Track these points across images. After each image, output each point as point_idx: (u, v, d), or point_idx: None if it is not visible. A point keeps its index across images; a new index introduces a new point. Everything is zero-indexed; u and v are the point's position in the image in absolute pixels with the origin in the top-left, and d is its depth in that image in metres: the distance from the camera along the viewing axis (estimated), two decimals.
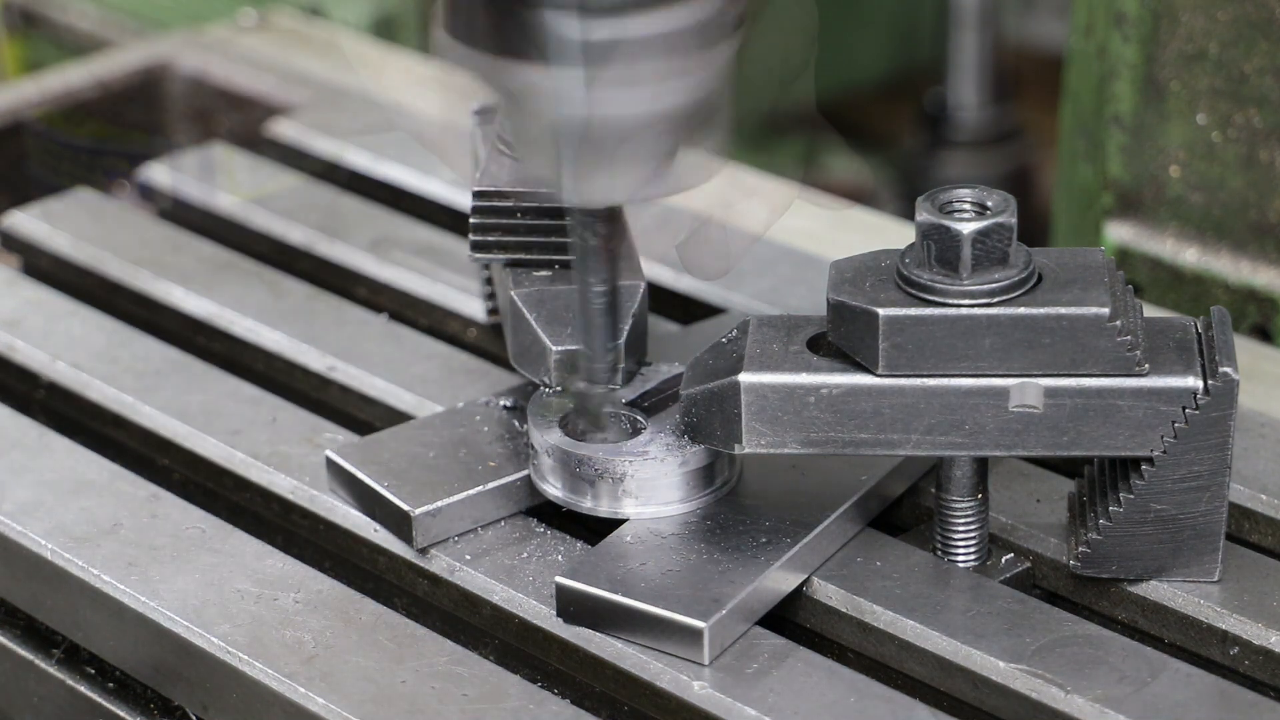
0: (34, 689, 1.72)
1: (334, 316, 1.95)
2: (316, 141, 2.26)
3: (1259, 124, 2.02)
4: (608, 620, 1.56)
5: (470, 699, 1.53)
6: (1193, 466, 1.53)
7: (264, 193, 2.16)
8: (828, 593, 1.60)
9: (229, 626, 1.60)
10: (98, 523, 1.70)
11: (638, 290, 1.71)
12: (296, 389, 1.90)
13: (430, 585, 1.66)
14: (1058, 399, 1.52)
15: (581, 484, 1.62)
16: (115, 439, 1.86)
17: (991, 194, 1.54)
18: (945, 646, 1.54)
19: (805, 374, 1.54)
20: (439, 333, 1.97)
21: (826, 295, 1.54)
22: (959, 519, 1.61)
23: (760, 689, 1.51)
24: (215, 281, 2.01)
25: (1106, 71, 2.10)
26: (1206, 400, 1.51)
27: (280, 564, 1.67)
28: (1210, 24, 2.02)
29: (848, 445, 1.54)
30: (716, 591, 1.55)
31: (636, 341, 1.70)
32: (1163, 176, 2.10)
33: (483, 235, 1.75)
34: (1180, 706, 1.47)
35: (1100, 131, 2.14)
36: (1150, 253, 2.12)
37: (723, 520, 1.62)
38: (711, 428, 1.57)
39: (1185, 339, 1.55)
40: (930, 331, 1.51)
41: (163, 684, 1.65)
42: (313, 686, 1.54)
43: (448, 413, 1.76)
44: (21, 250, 2.13)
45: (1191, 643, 1.57)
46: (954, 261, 1.51)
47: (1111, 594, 1.61)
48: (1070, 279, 1.53)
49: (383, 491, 1.67)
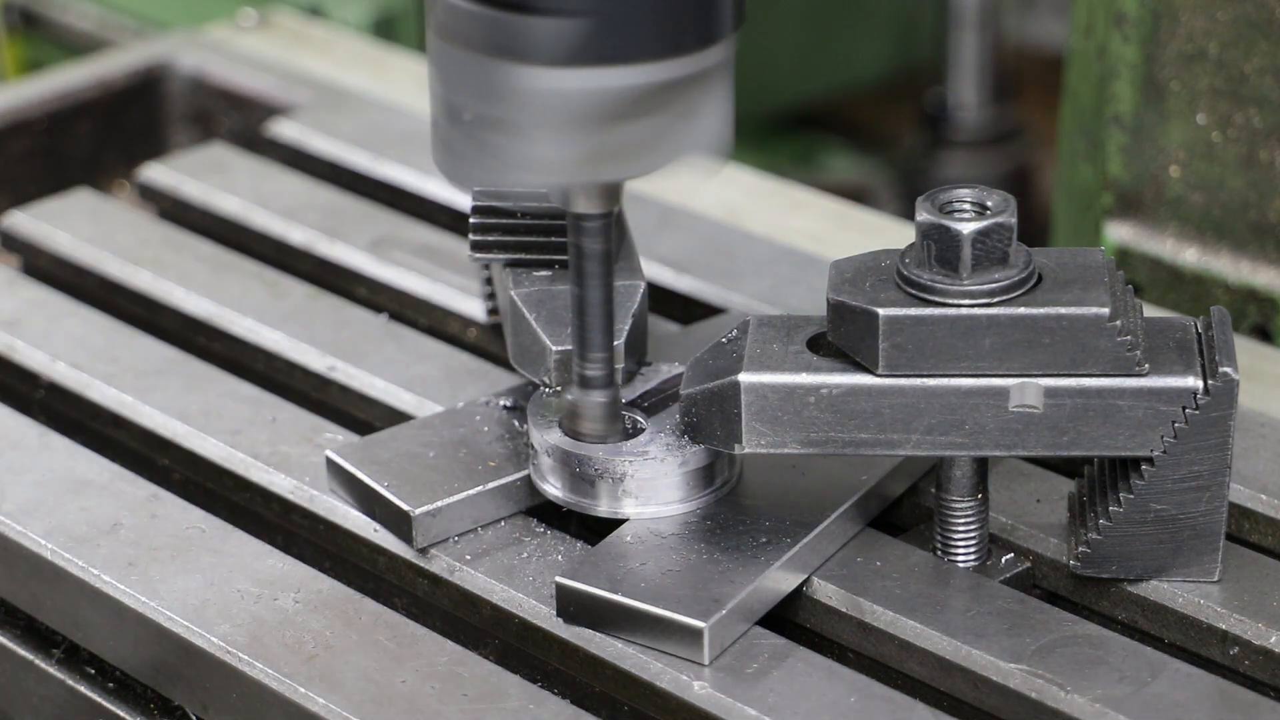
0: (34, 689, 1.72)
1: (334, 316, 1.95)
2: (316, 141, 2.26)
3: (1259, 124, 2.02)
4: (608, 620, 1.56)
5: (470, 699, 1.53)
6: (1193, 466, 1.53)
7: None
8: (828, 593, 1.60)
9: (229, 626, 1.60)
10: (98, 523, 1.70)
11: (638, 290, 1.71)
12: (296, 389, 1.90)
13: (430, 585, 1.66)
14: (1058, 399, 1.52)
15: (581, 484, 1.63)
16: (115, 439, 1.86)
17: (991, 194, 1.54)
18: (945, 646, 1.54)
19: (805, 374, 1.54)
20: (439, 333, 1.97)
21: (826, 295, 1.54)
22: (959, 519, 1.61)
23: (760, 689, 1.51)
24: (215, 281, 2.01)
25: (1106, 71, 2.10)
26: (1206, 400, 1.51)
27: (280, 564, 1.67)
28: (1210, 24, 2.02)
29: (848, 445, 1.55)
30: (716, 591, 1.55)
31: (636, 341, 1.70)
32: (1163, 176, 2.10)
33: (483, 235, 1.75)
34: (1180, 706, 1.47)
35: (1100, 131, 2.14)
36: (1150, 253, 2.12)
37: (723, 520, 1.62)
38: (711, 428, 1.57)
39: (1185, 339, 1.55)
40: (930, 331, 1.51)
41: (163, 684, 1.65)
42: (313, 686, 1.54)
43: (448, 413, 1.76)
44: (21, 250, 2.13)
45: (1191, 643, 1.57)
46: (954, 261, 1.51)
47: (1111, 594, 1.61)
48: (1070, 279, 1.53)
49: (383, 491, 1.67)
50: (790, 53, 3.66)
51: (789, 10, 3.64)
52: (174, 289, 2.01)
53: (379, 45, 2.56)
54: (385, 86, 2.39)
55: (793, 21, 3.65)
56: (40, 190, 2.29)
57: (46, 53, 3.24)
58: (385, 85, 2.39)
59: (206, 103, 2.43)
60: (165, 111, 2.45)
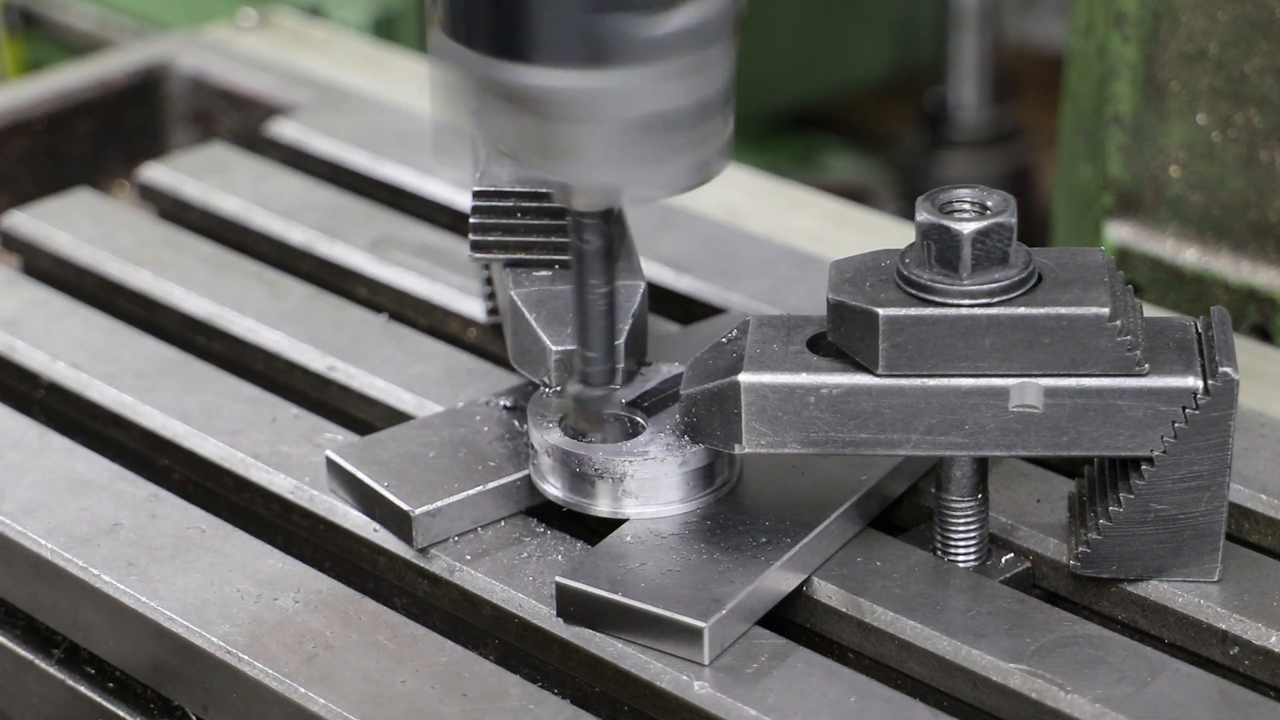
0: (34, 689, 1.72)
1: (334, 316, 1.95)
2: (316, 141, 2.26)
3: (1259, 124, 2.02)
4: (608, 620, 1.56)
5: (470, 699, 1.53)
6: (1193, 466, 1.53)
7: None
8: (828, 593, 1.60)
9: (229, 626, 1.60)
10: (98, 523, 1.70)
11: (638, 290, 1.71)
12: (296, 389, 1.90)
13: (430, 585, 1.66)
14: (1058, 399, 1.52)
15: (581, 484, 1.63)
16: (115, 439, 1.86)
17: (991, 194, 1.54)
18: (945, 646, 1.54)
19: (805, 374, 1.54)
20: (439, 333, 1.97)
21: (826, 295, 1.54)
22: (959, 519, 1.61)
23: (760, 689, 1.51)
24: (215, 281, 2.01)
25: (1106, 71, 2.10)
26: (1206, 400, 1.51)
27: (280, 564, 1.67)
28: (1210, 24, 2.02)
29: (848, 445, 1.55)
30: (716, 591, 1.55)
31: (636, 341, 1.70)
32: (1163, 176, 2.10)
33: (483, 235, 1.75)
34: (1180, 706, 1.47)
35: (1100, 131, 2.14)
36: (1150, 253, 2.12)
37: (723, 520, 1.62)
38: (711, 428, 1.57)
39: (1185, 339, 1.55)
40: (930, 331, 1.51)
41: (163, 684, 1.65)
42: (313, 686, 1.54)
43: (448, 413, 1.76)
44: (21, 250, 2.13)
45: (1191, 643, 1.57)
46: (954, 261, 1.51)
47: (1111, 594, 1.61)
48: (1070, 279, 1.53)
49: (383, 491, 1.67)
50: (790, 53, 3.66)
51: (789, 10, 3.64)
52: (174, 289, 2.01)
53: (379, 45, 2.56)
54: (385, 86, 2.39)
55: (793, 21, 3.65)
56: (40, 190, 2.29)
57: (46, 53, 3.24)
58: (385, 85, 2.39)
59: (206, 103, 2.43)
60: (165, 111, 2.45)
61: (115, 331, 1.95)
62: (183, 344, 1.95)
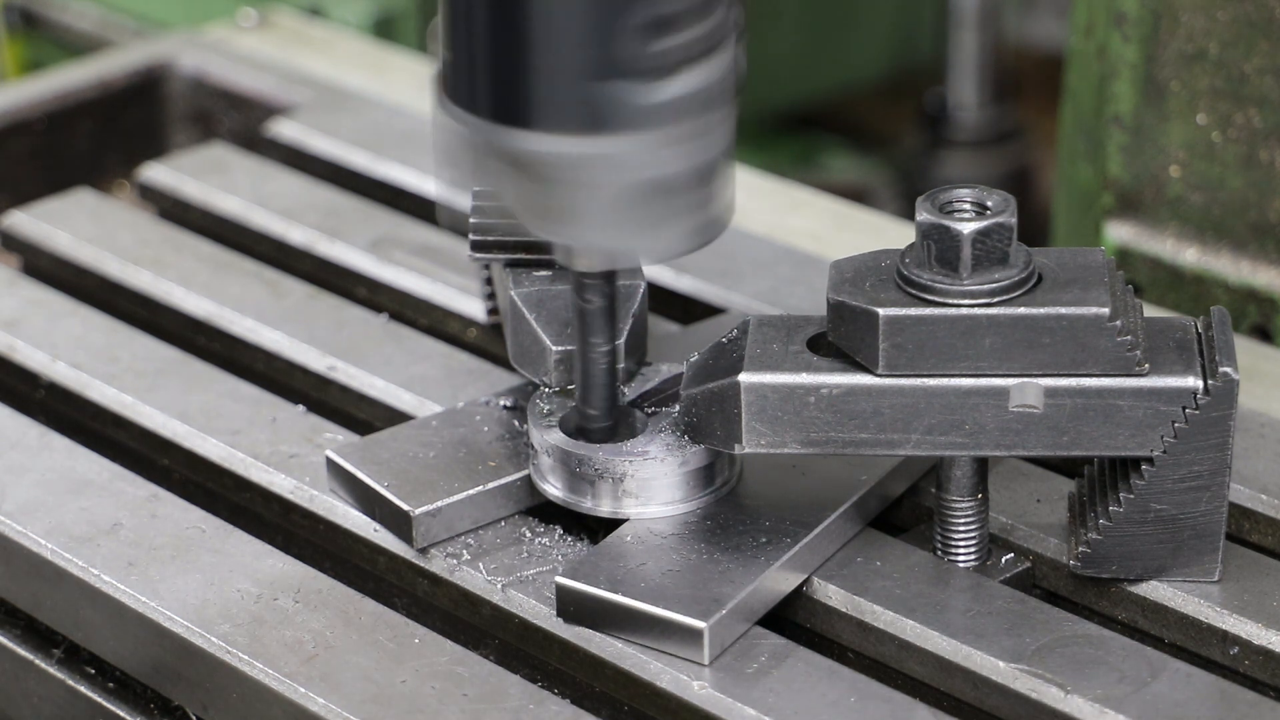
0: (34, 689, 1.72)
1: (334, 316, 1.95)
2: (316, 141, 2.26)
3: (1259, 124, 2.02)
4: (608, 620, 1.56)
5: (470, 699, 1.53)
6: (1193, 466, 1.53)
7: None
8: (828, 593, 1.60)
9: (229, 626, 1.60)
10: (98, 523, 1.70)
11: (637, 290, 1.71)
12: (296, 389, 1.90)
13: (430, 585, 1.66)
14: (1058, 399, 1.52)
15: (581, 484, 1.63)
16: (115, 439, 1.86)
17: (991, 194, 1.54)
18: (945, 646, 1.54)
19: (805, 374, 1.54)
20: (439, 333, 1.97)
21: (826, 295, 1.54)
22: (959, 519, 1.61)
23: (760, 689, 1.51)
24: (215, 281, 2.01)
25: (1106, 71, 2.10)
26: (1206, 400, 1.51)
27: (280, 564, 1.67)
28: (1210, 24, 2.02)
29: (848, 445, 1.55)
30: (716, 591, 1.55)
31: (636, 341, 1.70)
32: (1163, 176, 2.10)
33: (483, 235, 1.75)
34: (1180, 706, 1.47)
35: (1100, 131, 2.14)
36: (1150, 253, 2.12)
37: (723, 520, 1.62)
38: (711, 428, 1.57)
39: (1185, 339, 1.55)
40: (930, 331, 1.51)
41: (163, 684, 1.65)
42: (313, 686, 1.54)
43: (448, 413, 1.76)
44: (21, 250, 2.13)
45: (1191, 643, 1.57)
46: (954, 261, 1.51)
47: (1111, 594, 1.61)
48: (1070, 279, 1.53)
49: (383, 491, 1.67)
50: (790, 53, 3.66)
51: (789, 10, 3.64)
52: (174, 289, 2.01)
53: (379, 45, 2.56)
54: (385, 86, 2.39)
55: (793, 22, 3.65)
56: (40, 190, 2.29)
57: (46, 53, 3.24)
58: (385, 85, 2.39)
59: (206, 103, 2.43)
60: (165, 111, 2.45)
61: (115, 331, 1.95)
62: (183, 344, 1.95)
